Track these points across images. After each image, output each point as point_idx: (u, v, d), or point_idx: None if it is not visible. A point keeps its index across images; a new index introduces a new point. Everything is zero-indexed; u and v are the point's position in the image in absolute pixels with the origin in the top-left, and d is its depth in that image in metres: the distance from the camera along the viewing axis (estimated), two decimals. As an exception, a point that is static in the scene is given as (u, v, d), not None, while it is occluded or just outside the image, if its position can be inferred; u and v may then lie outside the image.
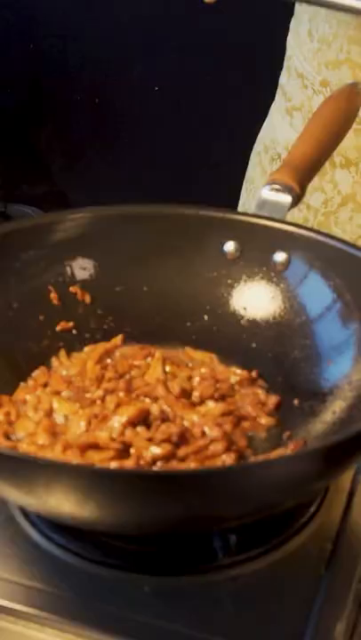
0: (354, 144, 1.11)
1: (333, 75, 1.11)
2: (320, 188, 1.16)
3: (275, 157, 1.22)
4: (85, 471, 0.61)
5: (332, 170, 1.14)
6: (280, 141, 1.21)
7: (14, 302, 0.86)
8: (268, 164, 1.24)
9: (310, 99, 1.15)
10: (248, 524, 0.71)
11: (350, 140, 1.11)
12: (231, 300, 0.89)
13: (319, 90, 1.13)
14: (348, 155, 1.12)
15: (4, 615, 0.67)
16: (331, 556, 0.72)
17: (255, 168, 1.27)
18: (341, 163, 1.13)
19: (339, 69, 1.10)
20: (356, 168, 1.12)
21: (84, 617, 0.66)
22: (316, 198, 1.16)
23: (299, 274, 0.87)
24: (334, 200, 1.16)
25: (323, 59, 1.12)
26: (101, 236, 0.90)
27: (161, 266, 0.91)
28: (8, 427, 0.78)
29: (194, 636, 0.65)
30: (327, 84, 1.12)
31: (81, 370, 0.85)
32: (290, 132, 1.19)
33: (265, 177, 1.23)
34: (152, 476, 0.59)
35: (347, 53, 1.09)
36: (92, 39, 2.24)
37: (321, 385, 0.81)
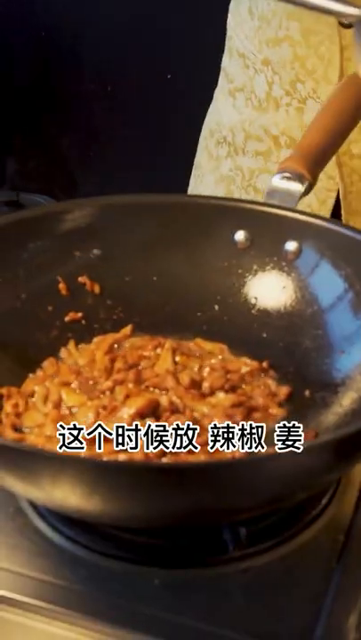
0: (298, 123, 1.11)
1: (274, 53, 1.10)
2: (266, 170, 1.15)
3: (220, 141, 1.21)
4: (91, 464, 0.60)
5: (278, 150, 1.14)
6: (225, 124, 1.20)
7: (23, 293, 0.86)
8: (214, 147, 1.23)
9: (252, 79, 1.14)
10: (259, 516, 0.71)
11: (294, 119, 1.10)
12: (242, 290, 0.89)
13: (261, 69, 1.12)
14: (292, 134, 1.12)
15: (12, 608, 0.67)
16: (343, 548, 0.71)
17: (202, 153, 1.27)
18: (286, 142, 1.12)
19: (279, 47, 1.09)
20: None
21: (93, 610, 0.66)
22: (263, 180, 1.16)
23: (310, 263, 0.86)
24: None
25: (263, 36, 1.11)
26: (110, 225, 0.89)
27: (171, 256, 0.90)
28: (16, 418, 0.78)
29: (203, 628, 0.64)
30: (268, 62, 1.11)
31: (90, 361, 0.84)
32: (233, 114, 1.18)
33: (212, 162, 1.23)
34: (159, 469, 0.59)
35: (286, 30, 1.08)
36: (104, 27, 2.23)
37: (333, 375, 0.81)
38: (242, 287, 0.89)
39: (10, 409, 0.78)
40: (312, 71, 1.08)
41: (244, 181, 1.17)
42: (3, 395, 0.80)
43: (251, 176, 1.16)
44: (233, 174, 1.18)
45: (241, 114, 1.16)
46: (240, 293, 0.89)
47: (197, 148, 1.29)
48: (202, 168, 1.26)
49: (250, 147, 1.16)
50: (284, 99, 1.11)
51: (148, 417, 0.75)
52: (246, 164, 1.16)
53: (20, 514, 0.73)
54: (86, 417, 0.77)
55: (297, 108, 1.10)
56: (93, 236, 0.89)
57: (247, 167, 1.16)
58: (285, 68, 1.09)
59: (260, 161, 1.15)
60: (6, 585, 0.68)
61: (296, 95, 1.10)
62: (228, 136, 1.19)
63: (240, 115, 1.16)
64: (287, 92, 1.10)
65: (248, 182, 1.16)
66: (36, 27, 2.30)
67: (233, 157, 1.19)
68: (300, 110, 1.10)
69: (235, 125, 1.17)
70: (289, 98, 1.10)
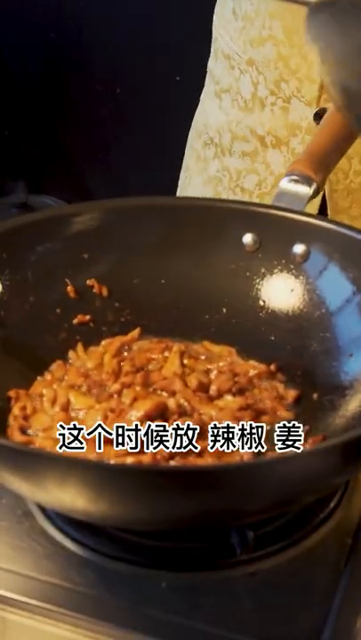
0: (283, 122, 1.11)
1: (258, 52, 1.10)
2: (253, 170, 1.16)
3: (207, 142, 1.21)
4: (98, 467, 0.60)
5: (264, 150, 1.14)
6: (211, 125, 1.21)
7: (31, 296, 0.86)
8: (202, 149, 1.23)
9: (237, 80, 1.15)
10: (267, 519, 0.71)
11: (279, 119, 1.11)
12: (250, 293, 0.89)
13: (246, 69, 1.13)
14: (277, 134, 1.12)
15: (19, 610, 0.67)
16: (350, 551, 0.71)
17: (190, 155, 1.27)
18: (272, 142, 1.13)
19: (263, 46, 1.10)
20: (287, 147, 1.12)
21: (100, 612, 0.66)
22: (250, 180, 1.16)
23: (318, 266, 0.86)
24: (268, 181, 1.15)
25: (247, 37, 1.12)
26: (119, 228, 0.89)
27: (179, 258, 0.90)
28: (24, 421, 0.78)
29: (211, 632, 0.64)
30: (253, 62, 1.11)
31: (98, 363, 0.84)
32: (220, 115, 1.19)
33: (199, 163, 1.23)
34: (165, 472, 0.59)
35: (269, 30, 1.08)
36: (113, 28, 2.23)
37: (341, 379, 0.80)
38: (250, 290, 0.89)
39: (18, 411, 0.78)
40: (296, 70, 1.08)
41: (232, 182, 1.17)
42: (11, 397, 0.80)
43: (238, 177, 1.17)
44: (220, 175, 1.19)
45: (227, 115, 1.17)
46: (248, 296, 0.89)
47: (185, 150, 1.29)
48: (190, 170, 1.27)
49: (236, 147, 1.17)
50: (269, 98, 1.11)
51: (155, 419, 0.75)
52: (233, 164, 1.17)
53: (28, 517, 0.74)
54: (94, 420, 0.77)
55: (282, 107, 1.10)
56: (102, 239, 0.89)
57: (234, 168, 1.17)
58: (270, 67, 1.10)
59: (247, 161, 1.15)
60: (14, 587, 0.68)
61: (281, 94, 1.10)
62: (214, 137, 1.20)
63: (227, 116, 1.17)
64: (272, 91, 1.11)
65: (235, 183, 1.17)
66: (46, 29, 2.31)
67: (220, 158, 1.19)
68: (286, 109, 1.11)
69: (221, 126, 1.18)
70: (274, 97, 1.11)
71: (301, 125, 1.10)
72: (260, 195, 1.15)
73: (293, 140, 1.11)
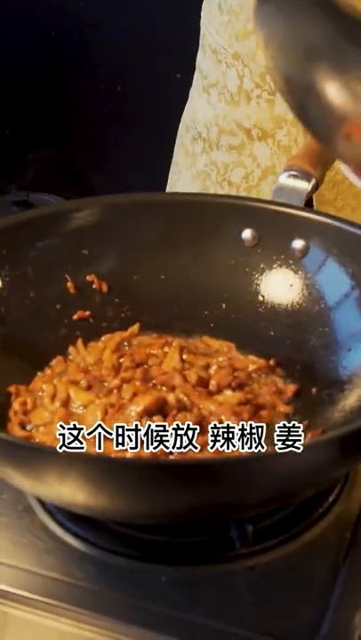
0: (269, 115, 1.12)
1: (243, 46, 1.11)
2: (240, 164, 1.16)
3: (196, 137, 1.22)
4: (98, 461, 0.60)
5: (251, 143, 1.14)
6: (199, 120, 1.22)
7: (31, 292, 0.86)
8: (190, 144, 1.24)
9: (224, 74, 1.16)
10: (266, 513, 0.71)
11: (265, 112, 1.11)
12: (249, 288, 0.89)
13: (232, 63, 1.13)
14: (263, 126, 1.12)
15: (20, 605, 0.68)
16: (349, 545, 0.71)
17: (179, 150, 1.28)
18: (258, 135, 1.13)
19: (248, 40, 1.11)
20: (274, 140, 1.13)
21: (100, 606, 0.66)
22: (237, 174, 1.17)
23: (317, 261, 0.86)
24: (254, 174, 1.16)
25: (233, 31, 1.13)
26: (118, 224, 0.89)
27: (178, 254, 0.90)
28: (24, 416, 0.78)
29: (211, 625, 0.65)
30: (238, 56, 1.12)
31: (98, 359, 0.84)
32: (208, 110, 1.19)
33: (188, 158, 1.24)
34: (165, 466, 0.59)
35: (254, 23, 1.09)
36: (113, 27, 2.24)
37: (340, 373, 0.81)
38: (249, 285, 0.89)
39: (18, 407, 0.78)
40: None
41: (219, 176, 1.18)
42: (11, 393, 0.80)
43: (225, 170, 1.17)
44: (208, 169, 1.19)
45: (215, 109, 1.18)
46: (247, 291, 0.89)
47: (175, 146, 1.30)
48: (179, 165, 1.27)
49: (223, 141, 1.17)
50: (255, 91, 1.12)
51: (155, 414, 0.76)
52: (220, 158, 1.18)
53: (28, 512, 0.74)
54: (94, 415, 0.77)
55: (267, 99, 1.11)
56: (101, 235, 0.89)
57: (221, 162, 1.18)
58: (255, 60, 1.11)
59: (234, 155, 1.16)
60: (15, 582, 0.68)
61: (266, 87, 1.11)
62: (202, 132, 1.20)
63: (214, 110, 1.18)
64: (257, 84, 1.12)
65: (223, 177, 1.18)
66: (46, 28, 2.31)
67: (208, 153, 1.20)
68: (271, 102, 1.11)
69: (209, 121, 1.19)
70: (259, 90, 1.12)
71: (287, 118, 1.10)
72: (247, 188, 1.16)
73: (279, 133, 1.12)
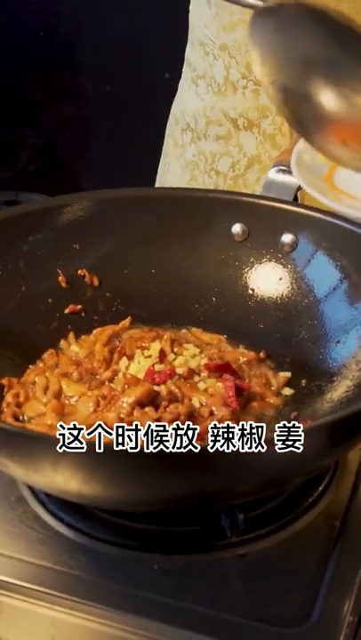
0: (254, 105, 1.13)
1: (230, 37, 1.13)
2: (227, 153, 1.18)
3: (185, 128, 1.24)
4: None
5: (237, 133, 1.16)
6: (188, 111, 1.23)
7: (23, 285, 0.87)
8: (180, 135, 1.25)
9: (212, 65, 1.17)
10: (257, 502, 0.72)
11: (251, 101, 1.13)
12: (239, 282, 0.90)
13: (219, 55, 1.15)
14: (249, 116, 1.14)
15: (13, 593, 0.68)
16: (339, 534, 0.72)
17: (168, 141, 1.30)
18: (244, 125, 1.15)
19: (234, 32, 1.12)
20: (259, 129, 1.14)
21: (93, 595, 0.67)
22: (224, 163, 1.18)
23: (306, 255, 0.87)
24: (241, 163, 1.17)
25: (220, 23, 1.14)
26: (109, 218, 0.90)
27: (169, 248, 0.91)
28: (17, 408, 0.79)
29: (202, 612, 0.65)
30: (225, 47, 1.14)
31: (89, 352, 0.85)
32: (196, 101, 1.21)
33: (177, 149, 1.25)
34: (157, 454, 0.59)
35: (241, 14, 1.11)
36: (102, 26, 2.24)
37: (329, 365, 0.82)
38: (239, 279, 0.90)
39: (11, 399, 0.79)
40: None
41: (207, 165, 1.19)
42: (4, 385, 0.81)
43: (213, 160, 1.19)
44: (196, 159, 1.21)
45: (203, 100, 1.19)
46: (237, 285, 0.90)
47: (164, 137, 1.31)
48: (168, 156, 1.29)
49: (211, 131, 1.19)
50: (241, 82, 1.14)
51: (147, 406, 0.76)
52: (208, 148, 1.19)
53: (20, 502, 0.74)
54: (86, 406, 0.78)
55: (253, 90, 1.13)
56: (92, 230, 0.90)
57: (209, 151, 1.19)
58: (240, 51, 1.12)
59: (221, 144, 1.17)
60: (8, 571, 0.69)
61: (251, 77, 1.13)
62: (191, 122, 1.22)
63: (202, 101, 1.19)
64: (243, 74, 1.13)
65: (210, 166, 1.19)
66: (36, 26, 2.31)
67: (196, 143, 1.21)
68: (257, 92, 1.13)
69: (197, 112, 1.20)
70: (245, 81, 1.13)
71: (272, 107, 1.12)
72: (233, 177, 1.18)
73: (264, 122, 1.14)
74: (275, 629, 0.64)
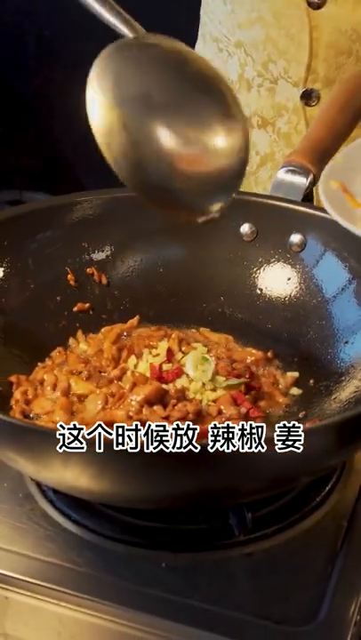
0: (270, 103, 1.13)
1: (246, 35, 1.12)
2: None
3: None
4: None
5: (250, 131, 1.15)
6: None
7: (32, 283, 0.87)
8: None
9: (226, 62, 1.17)
10: (264, 501, 0.72)
11: (266, 100, 1.12)
12: (247, 282, 0.90)
13: (234, 52, 1.15)
14: (264, 114, 1.14)
15: (21, 589, 0.68)
16: (346, 533, 0.72)
17: None
18: (258, 123, 1.14)
19: (251, 29, 1.12)
20: (273, 127, 1.14)
21: (100, 592, 0.67)
22: None
23: (314, 255, 0.87)
24: (253, 161, 1.17)
25: (236, 20, 1.14)
26: (118, 217, 0.90)
27: (177, 248, 0.91)
28: (25, 405, 0.79)
29: (209, 610, 0.65)
30: (241, 44, 1.13)
31: (97, 350, 0.85)
32: None
33: None
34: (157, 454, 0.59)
35: (258, 12, 1.10)
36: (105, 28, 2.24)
37: (336, 365, 0.82)
38: (247, 279, 0.90)
39: (19, 396, 0.79)
40: (284, 51, 1.10)
41: None
42: (12, 382, 0.81)
43: None
44: None
45: None
46: (245, 285, 0.90)
47: None
48: None
49: None
50: (256, 80, 1.13)
51: (155, 404, 0.77)
52: None
53: (28, 499, 0.75)
54: (95, 404, 0.78)
55: (269, 88, 1.12)
56: (101, 228, 0.90)
57: None
58: (258, 49, 1.12)
59: None
60: (17, 567, 0.69)
61: (268, 76, 1.12)
62: None
63: None
64: (259, 73, 1.13)
65: None
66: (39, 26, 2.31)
67: None
68: (272, 90, 1.12)
69: None
70: (261, 79, 1.13)
71: (288, 106, 1.12)
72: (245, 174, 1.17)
73: (280, 121, 1.13)
74: (282, 627, 0.64)
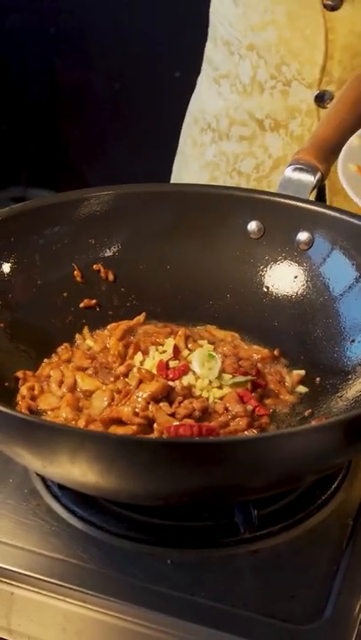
0: (283, 105, 1.13)
1: (259, 37, 1.12)
2: (251, 154, 1.17)
3: (204, 128, 1.23)
4: (110, 439, 0.61)
5: (263, 134, 1.15)
6: (209, 111, 1.22)
7: (39, 279, 0.87)
8: (199, 134, 1.24)
9: (237, 65, 1.16)
10: (269, 499, 0.72)
11: (279, 102, 1.12)
12: (254, 279, 0.90)
13: (246, 54, 1.14)
14: (277, 117, 1.13)
15: (26, 585, 0.68)
16: (352, 532, 0.72)
17: (186, 141, 1.28)
18: (271, 126, 1.14)
19: (264, 31, 1.11)
20: (286, 130, 1.14)
21: (105, 588, 0.67)
22: (248, 164, 1.17)
23: (322, 253, 0.87)
24: (265, 164, 1.17)
25: (248, 22, 1.13)
26: (125, 214, 0.90)
27: (184, 245, 0.91)
28: (31, 401, 0.79)
29: (214, 607, 0.65)
30: (253, 47, 1.13)
31: (103, 347, 0.85)
32: (218, 101, 1.20)
33: (196, 149, 1.24)
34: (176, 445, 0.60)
35: (272, 14, 1.10)
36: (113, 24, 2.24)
37: (343, 363, 0.82)
38: (254, 276, 0.90)
39: (25, 392, 0.79)
40: (297, 53, 1.10)
41: (229, 166, 1.18)
42: (19, 378, 0.81)
43: (235, 160, 1.18)
44: (217, 160, 1.20)
45: (225, 100, 1.18)
46: (252, 282, 0.90)
47: (180, 136, 1.30)
48: (185, 155, 1.27)
49: (234, 132, 1.18)
50: (269, 82, 1.13)
51: (162, 401, 0.77)
52: (230, 148, 1.18)
53: (34, 495, 0.75)
54: (101, 400, 0.78)
55: (282, 90, 1.12)
56: (109, 224, 0.90)
57: (231, 152, 1.18)
58: (271, 51, 1.11)
59: (245, 145, 1.16)
60: (20, 563, 0.69)
61: (281, 78, 1.12)
62: (212, 123, 1.21)
63: (225, 101, 1.18)
64: (272, 75, 1.12)
65: (233, 167, 1.18)
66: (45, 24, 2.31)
67: (217, 143, 1.20)
68: (285, 93, 1.12)
69: (219, 112, 1.19)
70: (274, 81, 1.12)
71: (301, 108, 1.11)
72: (257, 178, 1.17)
73: (292, 123, 1.13)
74: (287, 625, 0.64)
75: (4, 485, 0.75)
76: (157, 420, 0.75)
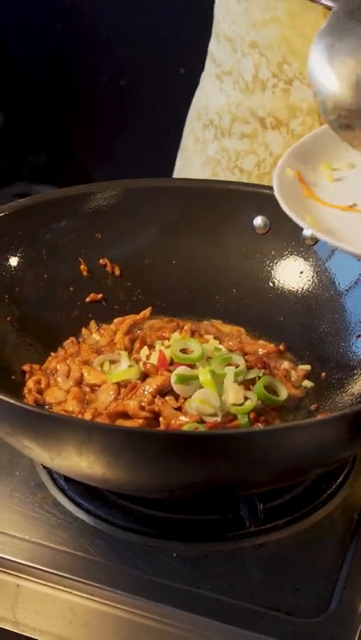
0: (284, 104, 1.12)
1: (261, 35, 1.11)
2: (252, 151, 1.17)
3: (207, 124, 1.23)
4: (118, 431, 0.61)
5: (264, 132, 1.15)
6: (211, 107, 1.22)
7: (45, 273, 0.87)
8: (201, 131, 1.24)
9: (239, 62, 1.16)
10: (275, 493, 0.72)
11: (281, 101, 1.12)
12: (260, 274, 0.90)
13: (248, 52, 1.14)
14: (278, 115, 1.13)
15: (32, 577, 0.69)
16: (357, 526, 0.72)
17: (189, 136, 1.28)
18: (272, 124, 1.14)
19: (266, 29, 1.11)
20: (287, 128, 1.13)
21: (111, 581, 0.67)
22: (249, 161, 1.17)
23: (328, 248, 0.87)
24: (267, 162, 1.16)
25: (250, 19, 1.13)
26: (131, 208, 0.90)
27: (190, 240, 0.92)
28: (38, 395, 0.79)
29: (219, 600, 0.66)
30: (256, 45, 1.13)
31: (110, 341, 0.86)
32: (220, 97, 1.20)
33: (198, 144, 1.24)
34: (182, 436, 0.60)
35: (273, 11, 1.10)
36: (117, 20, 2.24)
37: (349, 358, 0.82)
38: (260, 271, 0.90)
39: (32, 385, 0.80)
40: (299, 52, 1.09)
41: (230, 163, 1.18)
42: (25, 371, 0.81)
43: (237, 157, 1.18)
44: (219, 156, 1.20)
45: (228, 97, 1.18)
46: (258, 278, 0.90)
47: (183, 132, 1.30)
48: (188, 151, 1.28)
49: (236, 129, 1.18)
50: (271, 80, 1.13)
51: (168, 395, 0.77)
52: (232, 145, 1.18)
53: (40, 488, 0.75)
54: (107, 394, 0.78)
55: (283, 89, 1.12)
56: (115, 219, 0.90)
57: (233, 149, 1.18)
58: (272, 49, 1.11)
59: (246, 142, 1.16)
60: (27, 555, 0.69)
61: (283, 76, 1.12)
62: (214, 119, 1.21)
63: (227, 98, 1.18)
64: (274, 73, 1.12)
65: (234, 164, 1.18)
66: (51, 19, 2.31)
67: (219, 140, 1.20)
68: (287, 91, 1.12)
69: (221, 108, 1.19)
70: (276, 79, 1.12)
71: (302, 107, 1.11)
72: (258, 175, 1.17)
73: (293, 122, 1.13)
74: (292, 619, 0.65)
75: (11, 478, 0.76)
76: (163, 414, 0.75)
